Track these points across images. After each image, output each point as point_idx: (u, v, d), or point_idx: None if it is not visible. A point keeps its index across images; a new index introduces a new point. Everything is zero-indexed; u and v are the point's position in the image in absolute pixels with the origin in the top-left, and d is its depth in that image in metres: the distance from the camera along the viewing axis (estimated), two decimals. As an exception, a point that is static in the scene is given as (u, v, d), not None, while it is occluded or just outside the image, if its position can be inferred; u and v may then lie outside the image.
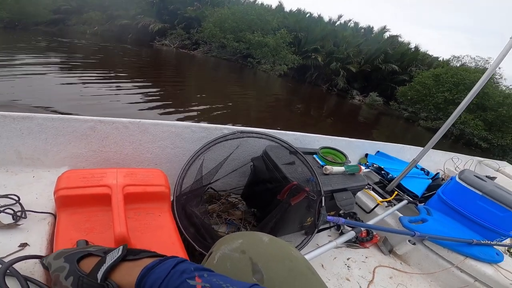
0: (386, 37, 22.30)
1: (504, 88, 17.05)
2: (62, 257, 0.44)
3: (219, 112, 7.41)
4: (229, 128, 1.28)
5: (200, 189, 1.15)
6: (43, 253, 0.71)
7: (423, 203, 1.71)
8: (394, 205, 1.53)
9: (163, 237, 0.85)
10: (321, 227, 1.42)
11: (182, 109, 6.77)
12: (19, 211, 0.80)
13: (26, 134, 0.97)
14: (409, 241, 1.40)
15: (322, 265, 1.25)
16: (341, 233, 1.44)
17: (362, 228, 1.31)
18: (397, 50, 21.44)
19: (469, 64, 20.24)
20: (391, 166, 1.95)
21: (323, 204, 1.08)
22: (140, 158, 1.18)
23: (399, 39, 22.51)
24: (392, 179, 1.75)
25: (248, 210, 1.39)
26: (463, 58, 20.34)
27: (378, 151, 2.19)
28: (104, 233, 0.77)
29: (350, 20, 24.04)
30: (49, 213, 0.82)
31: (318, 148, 1.43)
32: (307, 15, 23.17)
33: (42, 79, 6.50)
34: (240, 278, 0.41)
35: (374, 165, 1.89)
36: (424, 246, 1.39)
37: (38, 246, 0.73)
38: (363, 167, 1.45)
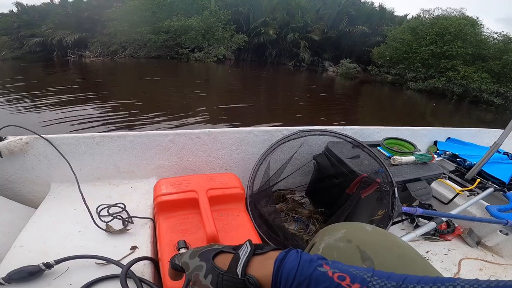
0: (345, -1, 19.87)
1: (495, 36, 14.27)
2: (196, 256, 0.45)
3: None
4: (288, 129, 1.32)
5: (268, 189, 1.21)
6: (149, 254, 0.82)
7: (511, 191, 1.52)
8: (478, 194, 1.39)
9: (243, 235, 0.92)
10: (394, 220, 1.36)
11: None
12: (126, 217, 0.94)
13: (122, 151, 1.14)
14: (500, 231, 1.27)
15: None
16: (416, 226, 1.37)
17: (443, 219, 1.23)
18: (361, 11, 19.34)
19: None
20: (467, 152, 1.77)
21: (396, 195, 1.05)
22: (212, 164, 1.29)
23: (359, -2, 20.01)
24: (470, 166, 1.59)
25: (314, 208, 1.40)
26: (433, 11, 16.92)
27: (449, 138, 2.02)
28: (196, 233, 0.86)
29: (304, -12, 20.78)
30: (149, 218, 0.95)
31: (382, 140, 1.38)
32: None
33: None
34: None
35: (447, 153, 1.75)
36: None
37: (145, 248, 0.84)
38: (435, 156, 1.35)
